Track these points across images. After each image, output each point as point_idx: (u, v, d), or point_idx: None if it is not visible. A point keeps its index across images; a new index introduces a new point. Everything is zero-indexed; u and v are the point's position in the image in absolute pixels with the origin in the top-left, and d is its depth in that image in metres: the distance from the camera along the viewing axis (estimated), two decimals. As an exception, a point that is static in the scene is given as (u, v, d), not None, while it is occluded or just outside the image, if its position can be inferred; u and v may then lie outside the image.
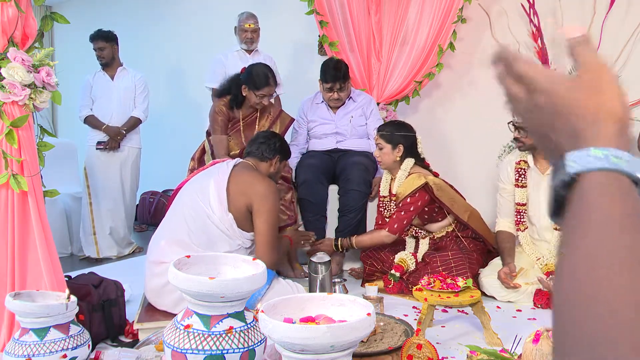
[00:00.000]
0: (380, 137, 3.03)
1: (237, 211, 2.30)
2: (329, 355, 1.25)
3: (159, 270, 2.26)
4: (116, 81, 4.13)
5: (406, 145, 3.01)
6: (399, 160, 3.01)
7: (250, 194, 2.31)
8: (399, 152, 3.00)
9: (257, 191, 2.32)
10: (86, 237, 4.05)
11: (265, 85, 3.25)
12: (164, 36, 5.75)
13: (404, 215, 2.90)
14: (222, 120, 3.36)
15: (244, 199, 2.31)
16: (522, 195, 2.80)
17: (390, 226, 2.92)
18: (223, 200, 2.29)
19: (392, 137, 3.00)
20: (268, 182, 2.42)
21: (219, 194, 2.30)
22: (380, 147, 3.03)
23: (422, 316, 2.16)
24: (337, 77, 3.41)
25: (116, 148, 4.04)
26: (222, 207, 2.28)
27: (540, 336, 1.50)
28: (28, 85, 1.98)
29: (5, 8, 1.93)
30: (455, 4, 3.89)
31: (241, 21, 4.03)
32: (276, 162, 2.62)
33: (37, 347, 1.74)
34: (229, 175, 2.36)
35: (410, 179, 2.95)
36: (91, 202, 4.04)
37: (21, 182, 1.96)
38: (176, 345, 1.47)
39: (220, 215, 2.28)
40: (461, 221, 2.92)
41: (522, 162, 2.81)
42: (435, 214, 2.96)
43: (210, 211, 2.29)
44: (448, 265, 2.78)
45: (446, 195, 2.90)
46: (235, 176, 2.36)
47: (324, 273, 2.47)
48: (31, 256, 2.02)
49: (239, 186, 2.34)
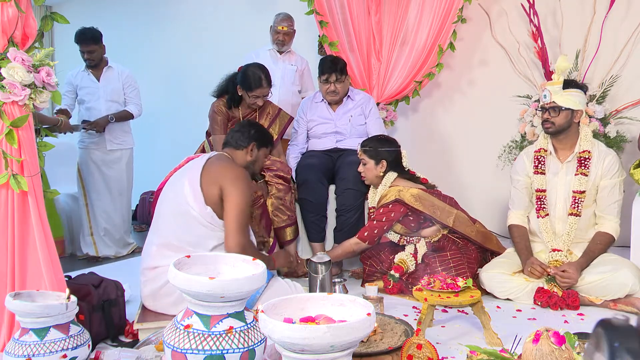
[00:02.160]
0: (364, 153, 3.05)
1: (214, 203, 2.29)
2: (329, 355, 1.25)
3: (153, 275, 2.27)
4: (102, 82, 4.03)
5: (390, 160, 3.02)
6: (382, 175, 3.02)
7: (220, 182, 2.30)
8: (382, 167, 3.01)
9: (226, 177, 2.30)
10: (84, 237, 4.06)
11: (258, 87, 3.25)
12: (164, 36, 5.75)
13: (375, 225, 2.91)
14: (222, 119, 3.36)
15: (215, 189, 2.29)
16: (541, 181, 2.82)
17: (360, 233, 2.93)
18: (198, 195, 2.28)
19: (375, 153, 3.02)
20: (239, 169, 2.40)
21: (194, 189, 2.30)
22: (364, 162, 3.05)
23: (422, 316, 2.16)
24: (334, 68, 3.42)
25: (101, 131, 3.96)
26: (199, 201, 2.28)
27: (540, 336, 1.51)
28: (28, 85, 1.98)
29: (5, 8, 1.93)
30: (455, 4, 3.89)
31: (276, 22, 4.00)
32: (252, 150, 2.56)
33: (37, 347, 1.74)
34: (202, 169, 2.35)
35: (387, 192, 2.96)
36: (87, 202, 4.04)
37: (21, 182, 1.96)
38: (176, 345, 1.47)
39: (199, 211, 2.28)
40: (446, 227, 2.92)
41: (542, 150, 2.84)
42: (423, 221, 2.96)
43: (189, 208, 2.28)
44: (447, 266, 2.78)
45: (427, 204, 2.88)
46: (207, 169, 2.36)
47: (324, 273, 2.48)
48: (31, 256, 2.02)
49: (211, 177, 2.32)
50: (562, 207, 2.77)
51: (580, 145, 2.75)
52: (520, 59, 4.05)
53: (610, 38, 3.72)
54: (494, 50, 4.21)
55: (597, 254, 2.66)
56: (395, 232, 3.00)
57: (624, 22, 3.72)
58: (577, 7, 3.85)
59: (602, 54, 3.73)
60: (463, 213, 2.98)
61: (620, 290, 2.51)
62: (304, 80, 4.11)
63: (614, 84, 3.72)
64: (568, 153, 2.78)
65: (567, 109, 2.69)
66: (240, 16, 5.24)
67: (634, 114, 3.68)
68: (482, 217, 3.19)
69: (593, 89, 3.72)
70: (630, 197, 2.86)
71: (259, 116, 3.42)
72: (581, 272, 2.59)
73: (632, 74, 3.73)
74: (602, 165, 2.71)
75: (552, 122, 2.72)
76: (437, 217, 2.88)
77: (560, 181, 2.78)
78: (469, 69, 4.37)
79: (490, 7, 4.17)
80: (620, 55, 3.71)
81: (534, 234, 2.88)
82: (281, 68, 4.02)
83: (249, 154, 2.56)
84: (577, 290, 2.59)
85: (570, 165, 2.77)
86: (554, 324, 2.32)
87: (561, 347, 1.48)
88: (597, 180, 2.72)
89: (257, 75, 3.25)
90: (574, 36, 3.82)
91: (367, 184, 3.14)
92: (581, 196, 2.71)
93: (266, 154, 2.65)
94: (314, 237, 3.36)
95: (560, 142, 2.80)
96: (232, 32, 5.26)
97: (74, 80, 4.03)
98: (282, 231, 3.27)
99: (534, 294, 2.64)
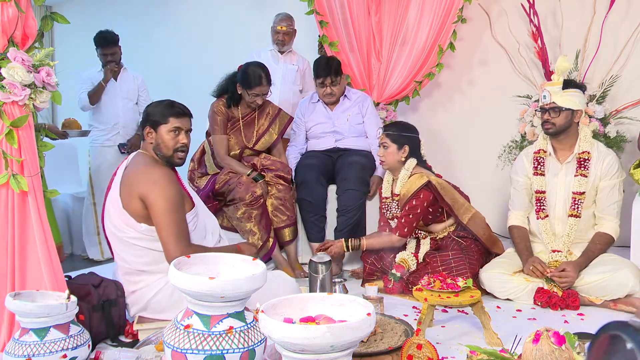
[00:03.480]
0: (386, 137, 3.02)
1: (144, 217, 2.15)
2: (329, 355, 1.25)
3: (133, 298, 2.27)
4: (119, 82, 4.13)
5: (411, 146, 3.01)
6: (403, 160, 3.01)
7: (137, 192, 2.13)
8: (404, 152, 2.99)
9: (140, 185, 2.13)
10: (89, 237, 4.03)
11: (258, 85, 3.24)
12: (164, 36, 5.75)
13: (412, 218, 2.90)
14: (222, 119, 3.35)
15: (136, 202, 2.14)
16: (541, 182, 2.82)
17: (401, 230, 2.93)
18: (124, 216, 2.16)
19: (398, 137, 3.00)
20: (149, 170, 2.18)
21: (118, 212, 2.17)
22: (386, 146, 3.01)
23: (422, 316, 2.16)
24: (329, 71, 3.42)
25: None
26: (130, 222, 2.16)
27: (540, 336, 1.50)
28: (28, 85, 1.98)
29: (5, 8, 1.93)
30: (455, 4, 3.89)
31: (275, 22, 4.00)
32: (149, 133, 2.25)
33: (37, 347, 1.74)
34: (120, 185, 2.21)
35: (413, 179, 2.95)
36: (95, 202, 4.04)
37: (21, 182, 1.96)
38: (176, 345, 1.47)
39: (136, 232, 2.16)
40: (461, 223, 2.93)
41: (541, 151, 2.84)
42: (439, 214, 2.97)
43: (125, 234, 2.18)
44: (448, 265, 2.78)
45: (448, 195, 2.90)
46: (123, 182, 2.21)
47: (324, 273, 2.47)
48: (31, 256, 2.02)
49: (128, 191, 2.17)
50: (561, 208, 2.77)
51: (580, 146, 2.75)
52: (520, 59, 4.04)
53: (610, 38, 3.71)
54: (494, 50, 4.21)
55: (596, 254, 2.66)
56: None
57: (624, 22, 3.72)
58: (577, 7, 3.85)
59: (602, 54, 3.73)
60: (481, 214, 2.99)
61: (620, 290, 2.51)
62: (306, 80, 4.11)
63: (614, 84, 3.72)
64: (567, 154, 2.78)
65: (567, 109, 2.69)
66: (241, 16, 5.24)
67: (634, 114, 3.67)
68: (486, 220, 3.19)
69: (593, 89, 3.72)
70: (630, 197, 2.86)
71: (259, 116, 3.42)
72: (580, 272, 2.59)
73: (632, 74, 3.72)
74: (602, 166, 2.71)
75: (553, 123, 2.72)
76: (455, 210, 2.90)
77: (560, 182, 2.78)
78: (469, 69, 4.37)
79: (490, 7, 4.16)
80: (620, 55, 3.71)
81: (534, 234, 2.88)
82: (282, 68, 4.02)
83: (149, 139, 2.26)
84: (577, 290, 2.59)
85: (570, 166, 2.77)
86: (554, 324, 2.32)
87: (561, 347, 1.48)
88: (596, 181, 2.72)
89: (257, 73, 3.24)
90: (574, 36, 3.82)
91: (386, 168, 3.10)
92: (581, 197, 2.71)
93: (169, 128, 2.22)
94: (313, 237, 3.36)
95: (559, 143, 2.80)
96: (232, 32, 5.25)
97: (92, 78, 4.07)
98: (281, 231, 3.27)
99: (534, 294, 2.64)
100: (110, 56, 4.03)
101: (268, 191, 3.27)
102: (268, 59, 3.89)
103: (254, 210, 3.15)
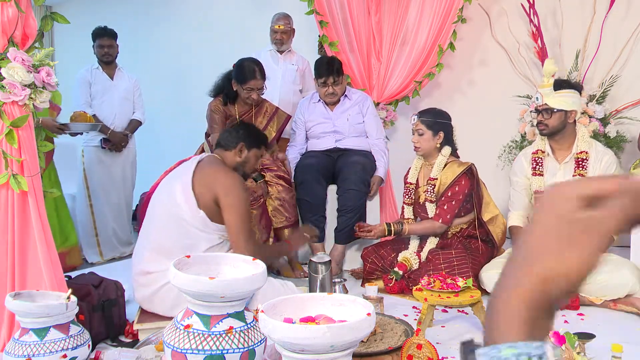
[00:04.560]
0: (421, 123, 3.03)
1: (207, 207, 2.26)
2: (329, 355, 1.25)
3: (145, 281, 2.24)
4: (116, 81, 4.08)
5: (446, 133, 3.03)
6: (439, 147, 3.02)
7: (213, 188, 2.25)
8: (439, 139, 3.01)
9: (220, 185, 2.26)
10: (88, 239, 3.99)
11: (252, 79, 3.23)
12: (164, 37, 5.75)
13: (455, 204, 2.93)
14: (219, 118, 3.35)
15: (208, 193, 2.26)
16: (539, 182, 2.84)
17: (443, 217, 2.94)
18: (190, 198, 2.25)
19: (433, 124, 3.01)
20: (230, 174, 2.34)
21: (186, 193, 2.26)
22: (421, 132, 3.02)
23: (422, 316, 2.16)
24: (330, 70, 3.42)
25: (120, 150, 4.04)
26: (192, 205, 2.25)
27: (540, 336, 1.50)
28: (28, 85, 1.98)
29: (5, 8, 1.93)
30: (455, 4, 3.89)
31: (272, 22, 4.00)
32: (241, 150, 2.46)
33: (37, 347, 1.74)
34: (193, 172, 2.32)
35: (452, 165, 2.97)
36: (91, 203, 4.00)
37: (21, 182, 1.96)
38: (176, 345, 1.47)
39: (192, 214, 2.25)
40: (480, 220, 2.93)
41: (539, 152, 2.86)
42: (463, 206, 2.97)
43: (181, 212, 2.25)
44: (450, 264, 2.78)
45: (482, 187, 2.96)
46: (199, 172, 2.32)
47: (324, 273, 2.47)
48: (31, 256, 2.02)
49: (203, 181, 2.29)
50: None
51: (578, 146, 2.76)
52: (520, 59, 4.04)
53: (610, 38, 3.71)
54: (494, 50, 4.21)
55: None
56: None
57: (624, 22, 3.72)
58: (577, 7, 3.85)
59: (602, 54, 3.73)
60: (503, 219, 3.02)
61: (620, 290, 2.51)
62: (306, 80, 4.11)
63: (614, 84, 3.72)
64: (566, 154, 2.79)
65: (560, 110, 2.71)
66: (241, 16, 5.24)
67: (634, 114, 3.68)
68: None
69: (593, 89, 3.72)
70: (630, 197, 2.86)
71: (256, 114, 3.41)
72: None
73: (632, 74, 3.73)
74: (600, 165, 2.71)
75: (546, 124, 2.75)
76: (483, 205, 2.92)
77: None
78: (469, 69, 4.37)
79: (490, 7, 4.17)
80: (620, 55, 3.71)
81: None
82: (282, 68, 4.02)
83: (237, 155, 2.46)
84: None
85: (568, 166, 2.77)
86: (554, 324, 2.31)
87: (561, 347, 1.48)
88: (595, 181, 2.72)
89: (250, 67, 3.24)
90: (574, 36, 3.82)
91: (420, 154, 3.11)
92: (580, 197, 2.71)
93: (258, 155, 2.55)
94: (313, 237, 3.36)
95: (557, 143, 2.81)
96: (232, 32, 5.25)
97: (88, 77, 4.02)
98: (281, 232, 3.27)
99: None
100: (107, 48, 3.97)
101: (268, 191, 3.27)
102: (267, 59, 3.89)
103: (253, 210, 3.15)
